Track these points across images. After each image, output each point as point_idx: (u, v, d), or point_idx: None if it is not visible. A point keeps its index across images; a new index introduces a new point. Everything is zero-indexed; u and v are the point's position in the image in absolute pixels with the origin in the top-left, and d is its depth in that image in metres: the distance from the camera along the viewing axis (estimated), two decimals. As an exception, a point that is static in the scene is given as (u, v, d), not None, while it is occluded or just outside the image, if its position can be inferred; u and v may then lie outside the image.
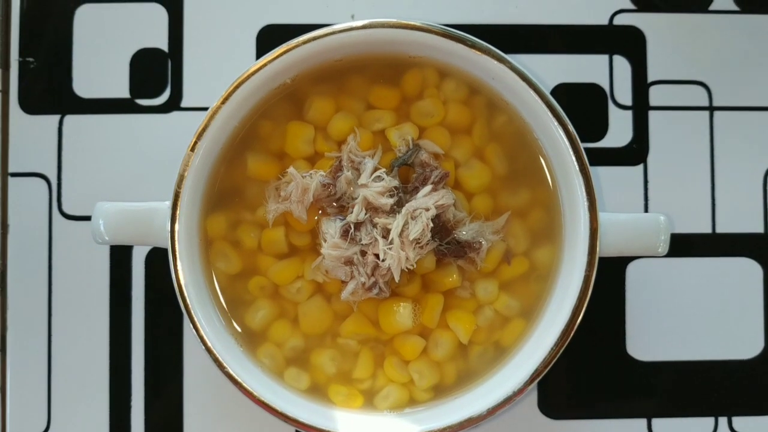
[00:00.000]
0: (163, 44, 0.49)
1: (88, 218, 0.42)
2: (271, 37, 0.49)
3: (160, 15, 0.49)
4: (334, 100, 0.42)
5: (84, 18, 0.49)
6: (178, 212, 0.39)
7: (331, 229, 0.41)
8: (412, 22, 0.40)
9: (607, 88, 0.49)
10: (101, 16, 0.49)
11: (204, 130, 0.39)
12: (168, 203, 0.40)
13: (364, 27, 0.40)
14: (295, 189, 0.41)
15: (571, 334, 0.40)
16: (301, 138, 0.42)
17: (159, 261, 0.48)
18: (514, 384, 0.40)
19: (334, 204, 0.41)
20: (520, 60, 0.41)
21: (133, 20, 0.49)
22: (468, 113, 0.43)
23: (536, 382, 0.40)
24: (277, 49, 0.40)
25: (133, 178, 0.48)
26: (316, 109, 0.42)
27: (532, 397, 0.48)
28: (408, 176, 0.42)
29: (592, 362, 0.48)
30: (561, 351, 0.40)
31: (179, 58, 0.49)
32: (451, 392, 0.42)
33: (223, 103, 0.39)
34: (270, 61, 0.40)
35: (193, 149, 0.39)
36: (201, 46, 0.49)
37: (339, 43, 0.40)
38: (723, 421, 0.48)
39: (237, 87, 0.39)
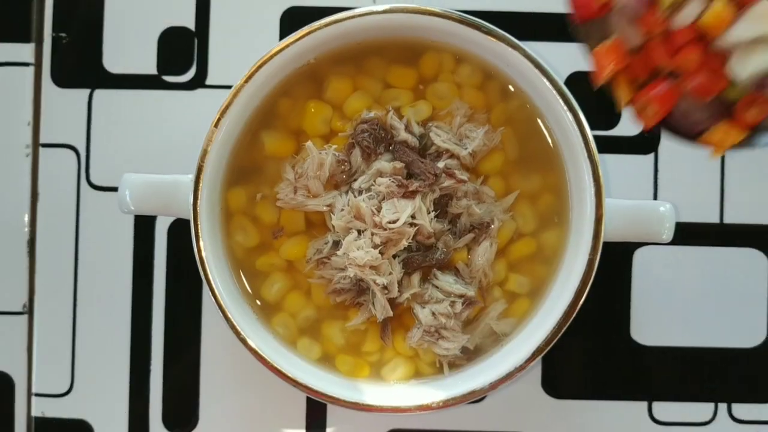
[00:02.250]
0: (190, 23, 0.50)
1: (114, 189, 0.44)
2: (293, 19, 0.50)
3: (188, -5, 0.50)
4: (352, 80, 0.44)
5: (115, -4, 0.50)
6: (200, 185, 0.41)
7: (340, 203, 0.42)
8: (431, 8, 0.41)
9: (620, 78, 0.50)
10: (132, -6, 0.50)
11: (227, 107, 0.41)
12: (191, 176, 0.41)
13: (384, 12, 0.41)
14: (312, 163, 0.42)
15: (573, 316, 0.41)
16: (319, 117, 0.43)
17: (181, 233, 0.50)
18: (516, 360, 0.41)
19: (346, 178, 0.43)
20: (535, 48, 0.42)
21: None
22: (482, 98, 0.44)
23: (538, 359, 0.41)
24: (299, 31, 0.41)
25: (158, 151, 0.50)
26: (334, 88, 0.43)
27: (536, 376, 0.49)
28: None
29: (597, 345, 0.49)
30: (563, 331, 0.41)
31: (205, 37, 0.50)
32: (456, 367, 0.43)
33: (246, 81, 0.41)
34: (292, 43, 0.41)
35: (216, 125, 0.41)
36: (226, 26, 0.50)
37: (359, 27, 0.41)
38: (723, 407, 0.49)
39: (260, 67, 0.41)
